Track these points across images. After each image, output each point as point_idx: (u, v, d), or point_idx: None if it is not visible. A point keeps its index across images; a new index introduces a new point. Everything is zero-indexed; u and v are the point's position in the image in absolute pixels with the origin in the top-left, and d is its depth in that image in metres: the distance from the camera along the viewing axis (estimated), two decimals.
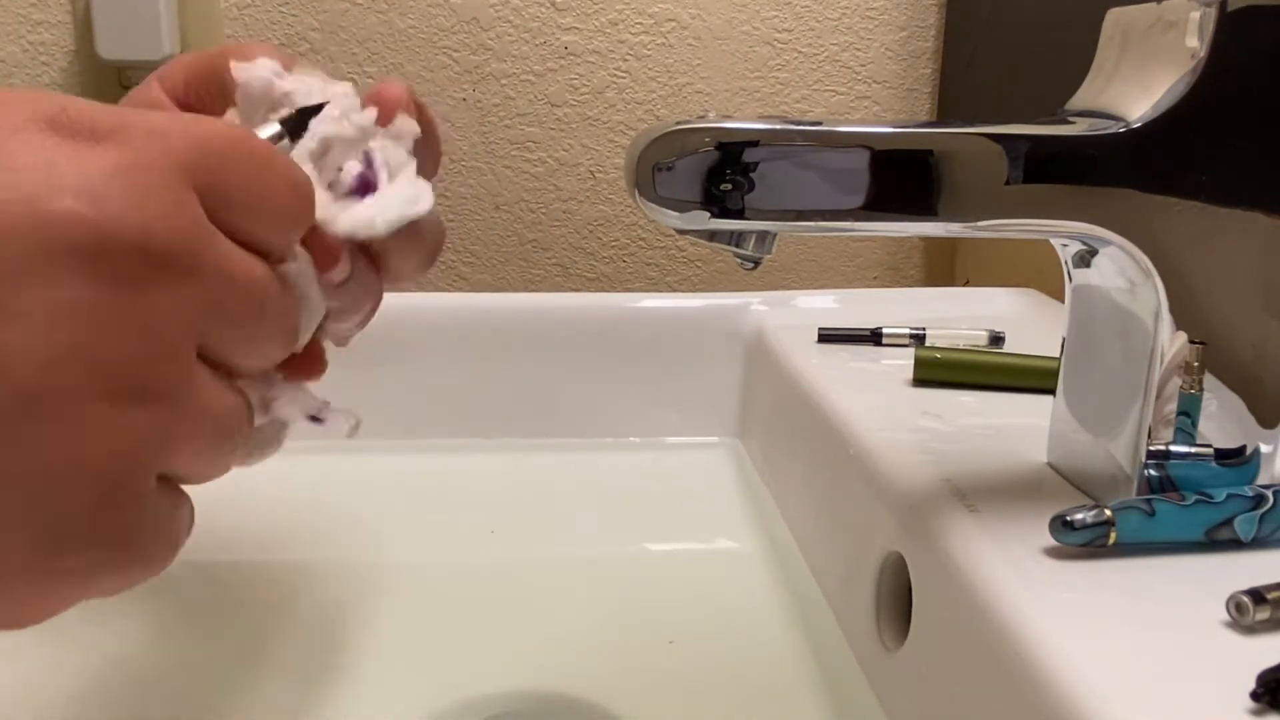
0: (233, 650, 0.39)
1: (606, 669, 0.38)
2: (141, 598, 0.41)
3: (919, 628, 0.32)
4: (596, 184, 0.82)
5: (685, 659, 0.39)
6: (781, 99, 0.82)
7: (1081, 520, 0.28)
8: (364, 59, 0.78)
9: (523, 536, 0.49)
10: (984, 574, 0.28)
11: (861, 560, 0.37)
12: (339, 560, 0.46)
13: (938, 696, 0.30)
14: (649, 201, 0.27)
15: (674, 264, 0.84)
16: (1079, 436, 0.33)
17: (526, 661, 0.39)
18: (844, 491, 0.40)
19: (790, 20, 0.80)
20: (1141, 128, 0.29)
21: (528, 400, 0.57)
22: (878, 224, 0.29)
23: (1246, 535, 0.28)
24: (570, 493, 0.54)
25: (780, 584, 0.45)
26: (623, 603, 0.43)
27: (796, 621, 0.42)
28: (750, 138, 0.27)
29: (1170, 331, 0.30)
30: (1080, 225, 0.29)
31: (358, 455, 0.53)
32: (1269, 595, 0.24)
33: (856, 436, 0.40)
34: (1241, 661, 0.23)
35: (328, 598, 0.43)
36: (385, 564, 0.46)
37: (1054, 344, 0.35)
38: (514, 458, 0.56)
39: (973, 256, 0.81)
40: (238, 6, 0.77)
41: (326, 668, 0.38)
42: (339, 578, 0.45)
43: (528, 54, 0.79)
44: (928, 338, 0.51)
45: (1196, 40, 0.29)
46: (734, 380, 0.57)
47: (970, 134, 0.28)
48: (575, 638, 0.40)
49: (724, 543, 0.49)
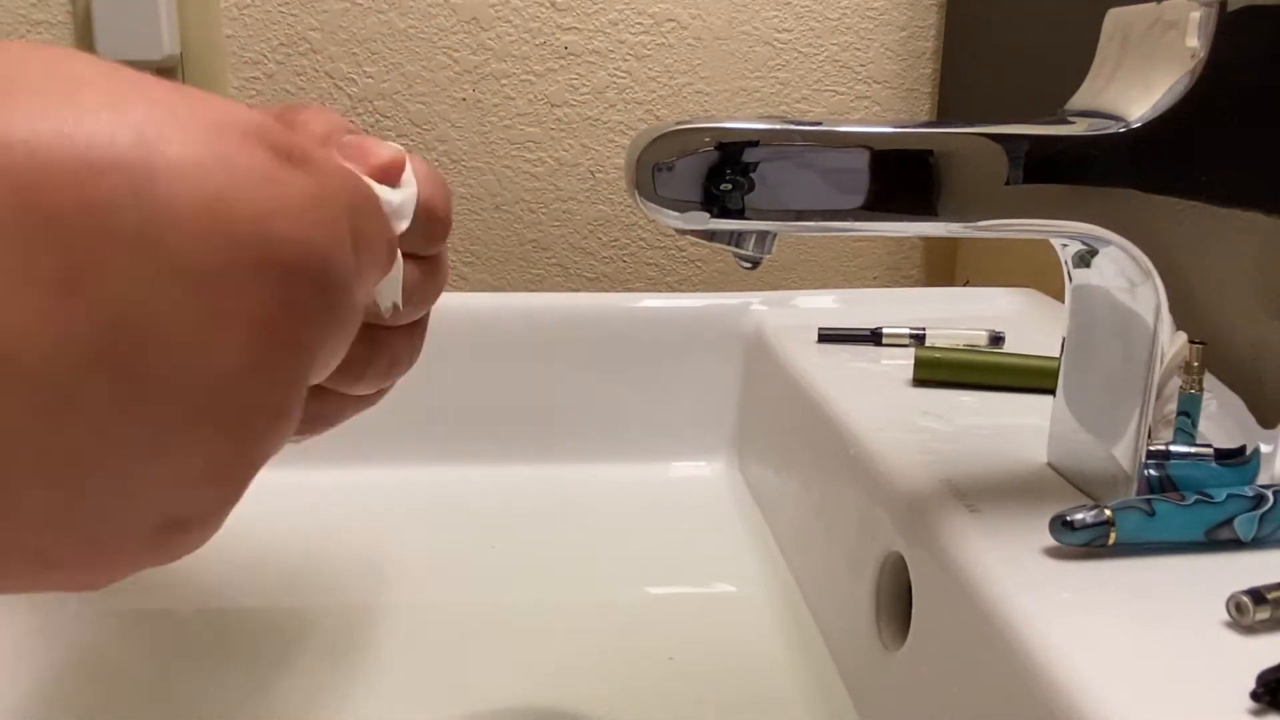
0: (235, 656, 0.39)
1: (605, 682, 0.38)
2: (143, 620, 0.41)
3: (919, 628, 0.32)
4: (596, 184, 0.82)
5: (684, 669, 0.39)
6: (781, 99, 0.82)
7: (1081, 520, 0.28)
8: (364, 59, 0.78)
9: (524, 549, 0.48)
10: (984, 574, 0.28)
11: (861, 560, 0.37)
12: (334, 574, 0.46)
13: (938, 696, 0.30)
14: (649, 202, 0.27)
15: (674, 264, 0.84)
16: (1079, 436, 0.33)
17: (525, 677, 0.39)
18: (844, 491, 0.40)
19: (790, 20, 0.80)
20: (1141, 128, 0.29)
21: (527, 400, 0.57)
22: (878, 224, 0.29)
23: (1246, 535, 0.28)
24: (569, 501, 0.54)
25: (780, 584, 0.45)
26: (621, 606, 0.43)
27: (797, 621, 0.42)
28: (750, 138, 0.27)
29: (1170, 331, 0.30)
30: (1080, 225, 0.29)
31: (357, 459, 0.53)
32: (1269, 595, 0.24)
33: (856, 436, 0.40)
34: (1241, 661, 0.23)
35: (323, 614, 0.43)
36: (381, 573, 0.46)
37: (1054, 344, 0.35)
38: (515, 463, 0.56)
39: (973, 256, 0.81)
40: (238, 6, 0.77)
41: (323, 683, 0.38)
42: (333, 593, 0.45)
43: (528, 54, 0.79)
44: (928, 338, 0.51)
45: (1196, 40, 0.29)
46: (734, 380, 0.57)
47: (970, 134, 0.28)
48: (574, 648, 0.40)
49: (723, 544, 0.49)
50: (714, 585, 0.46)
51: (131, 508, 0.17)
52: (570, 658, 0.39)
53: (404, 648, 0.40)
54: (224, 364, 0.17)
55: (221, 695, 0.37)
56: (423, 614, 0.42)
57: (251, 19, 0.77)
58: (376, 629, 0.41)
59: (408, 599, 0.43)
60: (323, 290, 0.18)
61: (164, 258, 0.16)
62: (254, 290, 0.17)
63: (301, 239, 0.17)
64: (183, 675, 0.38)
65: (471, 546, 0.48)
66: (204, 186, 0.16)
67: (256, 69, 0.78)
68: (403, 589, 0.44)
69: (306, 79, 0.78)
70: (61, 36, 0.76)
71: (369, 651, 0.39)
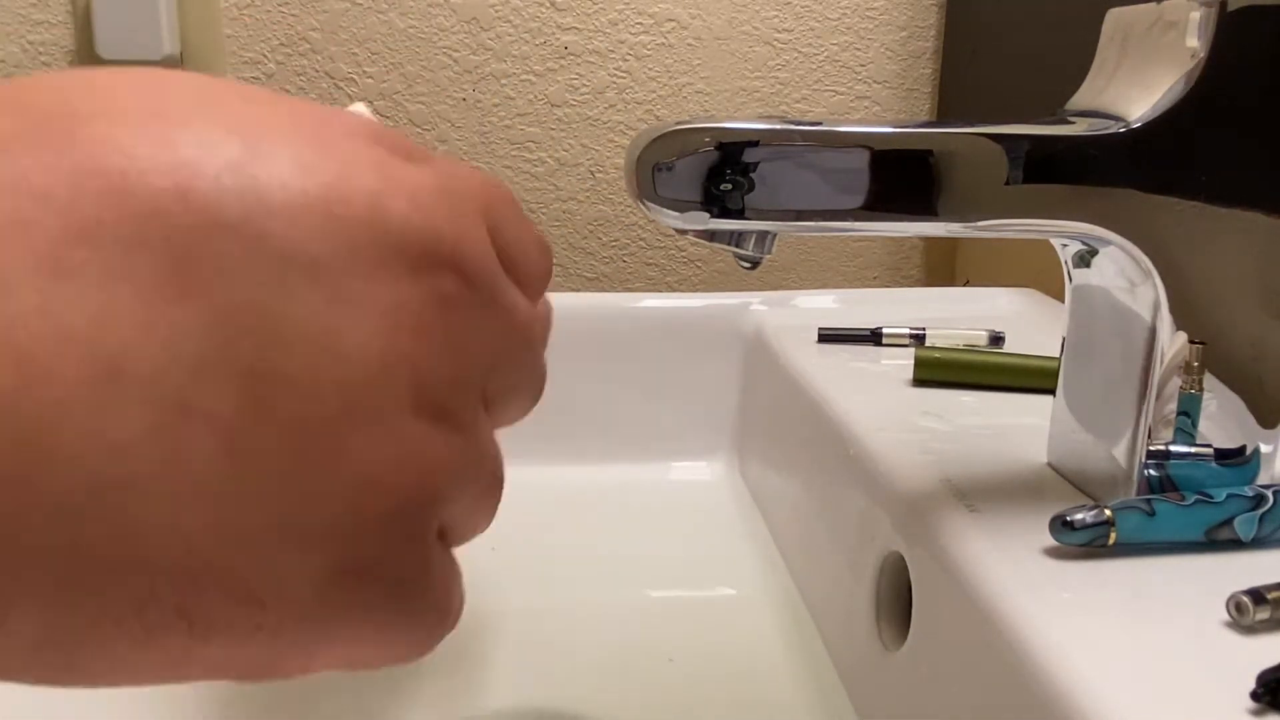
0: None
1: (605, 684, 0.38)
2: None
3: (919, 628, 0.32)
4: (596, 184, 0.82)
5: (684, 670, 0.39)
6: (781, 99, 0.82)
7: (1081, 520, 0.28)
8: (364, 59, 0.78)
9: (524, 550, 0.48)
10: (984, 574, 0.28)
11: (861, 560, 0.37)
12: None
13: (938, 696, 0.30)
14: (649, 201, 0.27)
15: (674, 264, 0.84)
16: (1079, 436, 0.33)
17: (525, 679, 0.39)
18: (843, 491, 0.40)
19: (790, 20, 0.80)
20: (1141, 128, 0.29)
21: None
22: (878, 224, 0.29)
23: (1246, 535, 0.28)
24: (568, 501, 0.53)
25: (780, 585, 0.45)
26: (620, 607, 0.43)
27: (797, 622, 0.42)
28: (750, 138, 0.27)
29: (1170, 331, 0.30)
30: (1080, 225, 0.29)
31: None
32: (1269, 595, 0.24)
33: (856, 437, 0.39)
34: (1241, 661, 0.23)
35: None
36: None
37: (1054, 344, 0.35)
38: (514, 463, 0.56)
39: (973, 256, 0.81)
40: (238, 6, 0.77)
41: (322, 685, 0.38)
42: None
43: (528, 54, 0.79)
44: (928, 338, 0.51)
45: (1196, 40, 0.29)
46: (734, 380, 0.57)
47: (970, 134, 0.28)
48: (573, 649, 0.40)
49: (723, 544, 0.49)
50: (713, 585, 0.46)
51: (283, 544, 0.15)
52: (570, 659, 0.39)
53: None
54: (360, 356, 0.15)
55: (224, 697, 0.37)
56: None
57: (251, 19, 0.77)
58: None
59: None
60: (465, 280, 0.16)
61: (274, 248, 0.14)
62: (382, 276, 0.15)
63: (426, 225, 0.16)
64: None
65: (471, 547, 0.48)
66: (313, 174, 0.15)
67: (256, 69, 0.78)
68: None
69: (306, 79, 0.78)
70: (61, 37, 0.76)
71: None
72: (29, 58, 0.76)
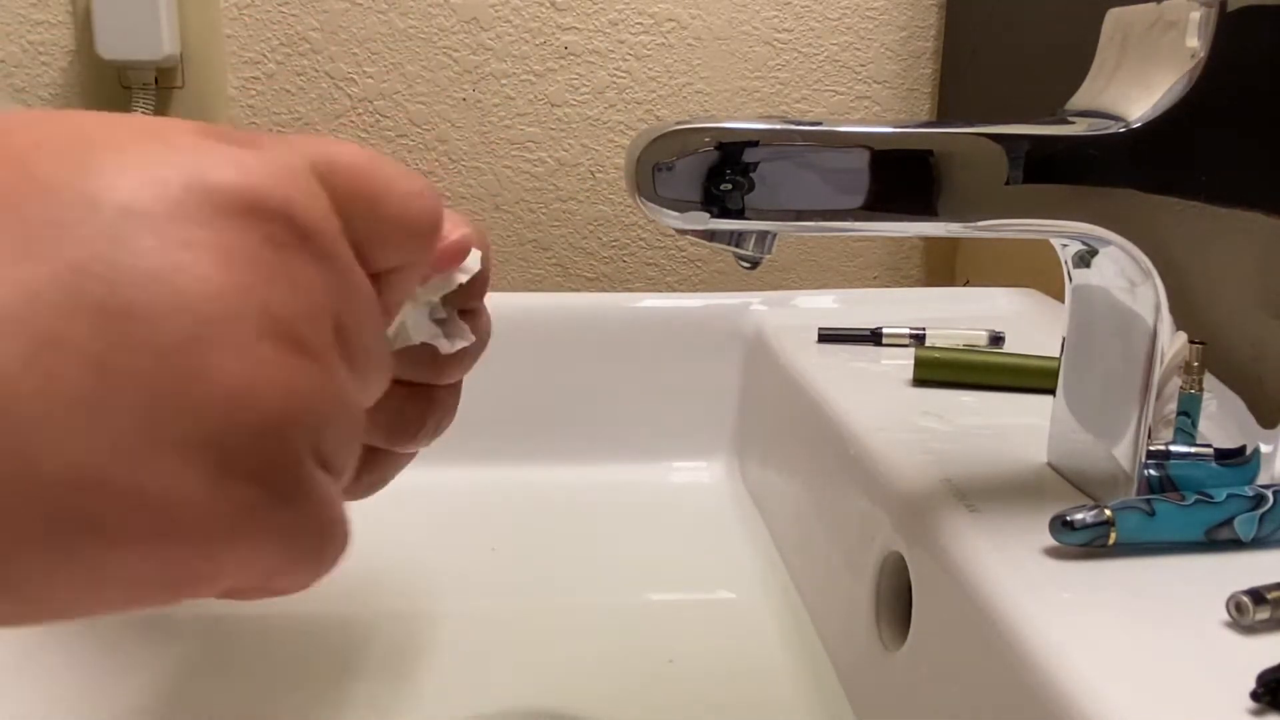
0: (235, 664, 0.39)
1: (605, 685, 0.38)
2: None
3: (919, 628, 0.32)
4: (596, 184, 0.82)
5: (684, 671, 0.39)
6: (781, 99, 0.82)
7: (1081, 520, 0.28)
8: (364, 59, 0.78)
9: (523, 551, 0.48)
10: (984, 574, 0.28)
11: (861, 560, 0.37)
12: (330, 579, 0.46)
13: (938, 697, 0.30)
14: (649, 201, 0.27)
15: (674, 264, 0.84)
16: (1079, 436, 0.33)
17: (524, 680, 0.39)
18: (843, 491, 0.40)
19: (790, 20, 0.80)
20: (1141, 128, 0.29)
21: (526, 401, 0.57)
22: (878, 224, 0.29)
23: (1246, 535, 0.28)
24: (568, 501, 0.54)
25: (780, 585, 0.45)
26: (620, 608, 0.43)
27: (796, 622, 0.42)
28: (750, 138, 0.27)
29: (1170, 331, 0.30)
30: (1080, 225, 0.29)
31: None
32: (1269, 595, 0.24)
33: (856, 437, 0.39)
34: (1241, 661, 0.23)
35: (321, 620, 0.43)
36: (379, 577, 0.46)
37: (1054, 344, 0.35)
38: (514, 464, 0.56)
39: (973, 256, 0.81)
40: (238, 6, 0.77)
41: (321, 687, 0.38)
42: (330, 599, 0.44)
43: (528, 54, 0.79)
44: (928, 338, 0.51)
45: (1196, 40, 0.29)
46: (733, 380, 0.57)
47: (970, 134, 0.28)
48: (573, 650, 0.40)
49: (723, 545, 0.49)
50: (713, 586, 0.46)
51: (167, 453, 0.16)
52: (569, 660, 0.39)
53: (401, 651, 0.40)
54: (202, 288, 0.17)
55: (225, 701, 0.37)
56: (421, 617, 0.42)
57: (251, 19, 0.77)
58: (374, 633, 0.41)
59: (406, 603, 0.43)
60: (297, 230, 0.18)
61: (109, 205, 0.17)
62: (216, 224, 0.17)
63: (249, 183, 0.18)
64: (186, 682, 0.38)
65: (471, 549, 0.48)
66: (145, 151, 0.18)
67: (256, 69, 0.78)
68: (401, 593, 0.44)
69: (306, 79, 0.78)
70: (61, 36, 0.76)
71: (367, 656, 0.39)
72: (29, 58, 0.76)
